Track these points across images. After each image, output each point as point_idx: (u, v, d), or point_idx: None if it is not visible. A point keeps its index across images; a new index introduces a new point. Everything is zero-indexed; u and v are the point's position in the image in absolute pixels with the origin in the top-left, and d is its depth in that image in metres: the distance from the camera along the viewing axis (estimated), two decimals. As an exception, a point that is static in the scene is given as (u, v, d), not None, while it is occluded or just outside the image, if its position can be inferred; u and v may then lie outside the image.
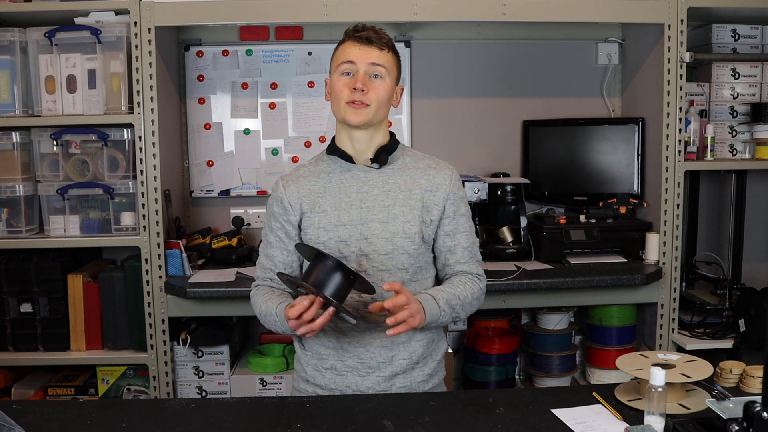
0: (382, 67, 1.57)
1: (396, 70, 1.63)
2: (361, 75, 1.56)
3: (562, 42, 3.00)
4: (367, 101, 1.57)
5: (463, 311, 1.60)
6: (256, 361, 2.69)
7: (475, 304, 1.63)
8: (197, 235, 2.80)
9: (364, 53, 1.57)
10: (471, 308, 1.63)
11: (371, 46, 1.57)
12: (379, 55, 1.57)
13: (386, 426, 1.38)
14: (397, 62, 1.63)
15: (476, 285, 1.63)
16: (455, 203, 1.64)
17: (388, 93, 1.60)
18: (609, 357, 2.69)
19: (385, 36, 1.60)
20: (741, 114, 2.72)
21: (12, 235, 2.52)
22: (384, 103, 1.60)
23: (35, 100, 2.50)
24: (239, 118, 2.95)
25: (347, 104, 1.57)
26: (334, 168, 1.65)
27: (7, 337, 2.57)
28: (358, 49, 1.57)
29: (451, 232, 1.63)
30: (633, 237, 2.69)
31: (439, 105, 3.00)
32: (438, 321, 1.55)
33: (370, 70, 1.57)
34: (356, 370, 1.61)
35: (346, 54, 1.58)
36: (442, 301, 1.54)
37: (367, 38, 1.57)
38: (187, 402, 1.54)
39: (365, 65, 1.56)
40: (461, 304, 1.58)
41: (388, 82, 1.59)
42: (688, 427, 1.28)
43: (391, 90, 1.61)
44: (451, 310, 1.56)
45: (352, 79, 1.57)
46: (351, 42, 1.58)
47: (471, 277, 1.64)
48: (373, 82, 1.57)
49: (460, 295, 1.58)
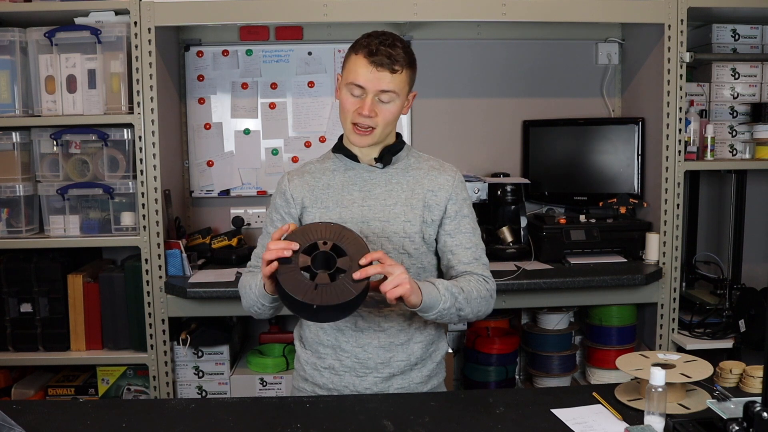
0: (392, 92, 1.53)
1: (408, 86, 1.58)
2: (369, 100, 1.53)
3: (562, 42, 3.00)
4: (373, 125, 1.55)
5: (468, 307, 1.52)
6: (256, 361, 2.69)
7: (482, 304, 1.56)
8: (197, 235, 2.80)
9: (375, 79, 1.51)
10: (478, 307, 1.55)
11: (383, 71, 1.51)
12: (391, 80, 1.52)
13: (386, 426, 1.38)
14: (411, 77, 1.58)
15: (482, 284, 1.57)
16: (457, 203, 1.62)
17: (396, 113, 1.57)
18: (609, 357, 2.69)
19: (399, 56, 1.52)
20: (741, 114, 2.72)
21: (12, 235, 2.52)
22: (391, 122, 1.57)
23: (35, 100, 2.50)
24: (239, 118, 2.95)
25: (353, 125, 1.56)
26: (339, 165, 1.65)
27: (7, 337, 2.57)
28: (369, 72, 1.51)
29: (452, 232, 1.62)
30: (633, 237, 2.69)
31: (439, 105, 3.00)
32: (439, 306, 1.46)
33: (379, 95, 1.53)
34: (354, 370, 1.61)
35: (356, 75, 1.52)
36: (441, 286, 1.47)
37: (380, 63, 1.51)
38: (187, 402, 1.54)
39: (375, 91, 1.53)
40: (465, 297, 1.50)
41: (397, 103, 1.56)
42: (688, 427, 1.28)
43: (401, 107, 1.58)
44: (451, 297, 1.47)
45: (360, 102, 1.53)
46: (364, 61, 1.52)
47: (476, 276, 1.59)
48: (381, 106, 1.54)
49: (464, 287, 1.51)
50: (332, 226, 1.45)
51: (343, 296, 1.35)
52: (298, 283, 1.36)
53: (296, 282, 1.36)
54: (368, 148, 1.61)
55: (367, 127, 1.55)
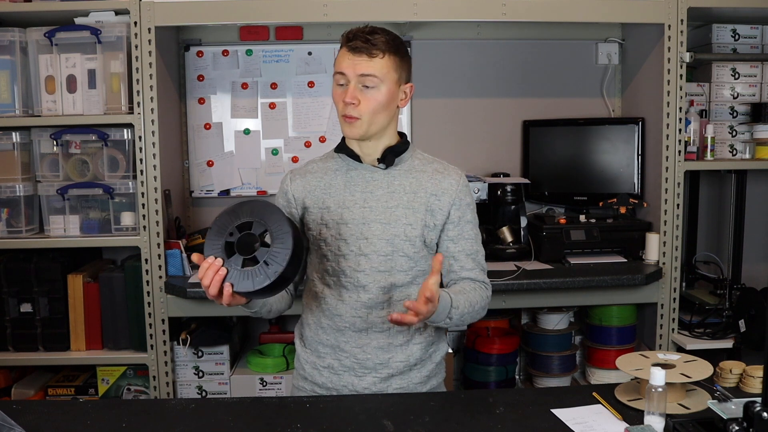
0: (372, 77, 1.51)
1: (395, 73, 1.55)
2: (352, 87, 1.52)
3: (562, 42, 3.00)
4: (357, 114, 1.53)
5: (467, 319, 1.57)
6: (256, 361, 2.69)
7: (480, 313, 1.60)
8: (197, 235, 2.80)
9: (353, 64, 1.52)
10: (476, 317, 1.60)
11: (360, 56, 1.51)
12: (369, 65, 1.51)
13: (386, 426, 1.38)
14: (397, 63, 1.55)
15: (484, 293, 1.61)
16: (461, 209, 1.61)
17: (382, 101, 1.54)
18: (609, 357, 2.69)
19: (378, 41, 1.51)
20: (741, 114, 2.72)
21: (12, 235, 2.52)
22: (379, 111, 1.54)
23: (35, 100, 2.50)
24: (239, 118, 2.95)
25: (342, 117, 1.56)
26: (341, 165, 1.64)
27: (7, 337, 2.57)
28: (348, 59, 1.52)
29: (455, 238, 1.61)
30: (633, 237, 2.69)
31: (439, 105, 2.99)
32: (436, 323, 1.52)
33: (360, 81, 1.52)
34: (353, 370, 1.61)
35: (338, 64, 1.55)
36: (456, 311, 1.50)
37: (356, 48, 1.51)
38: (187, 402, 1.54)
39: (355, 77, 1.52)
40: (470, 313, 1.55)
41: (382, 89, 1.53)
42: (688, 427, 1.28)
43: (390, 95, 1.55)
44: (459, 319, 1.52)
45: (345, 91, 1.54)
46: (344, 50, 1.54)
47: (478, 284, 1.62)
48: (364, 93, 1.53)
49: (475, 304, 1.56)
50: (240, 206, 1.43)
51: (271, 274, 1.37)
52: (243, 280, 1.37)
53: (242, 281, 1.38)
54: (370, 148, 1.61)
55: (351, 116, 1.54)
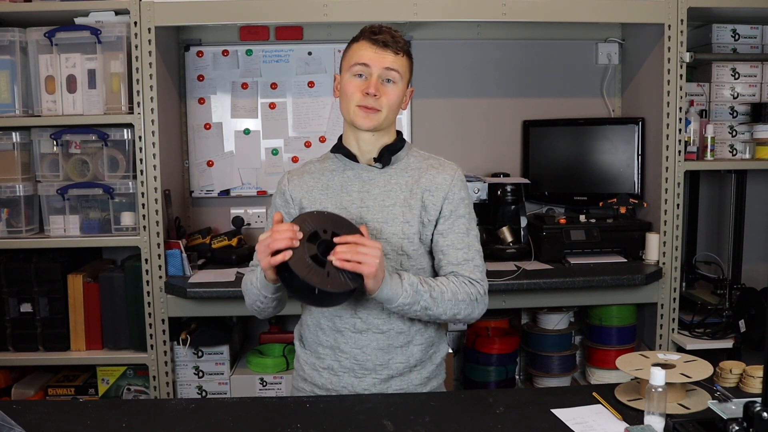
0: (396, 72, 1.55)
1: (409, 74, 1.61)
2: (375, 79, 1.54)
3: (562, 42, 3.00)
4: (378, 106, 1.55)
5: (439, 307, 1.50)
6: (256, 361, 2.69)
7: (460, 307, 1.52)
8: (197, 235, 2.80)
9: (379, 57, 1.54)
10: (454, 309, 1.52)
11: (387, 50, 1.54)
12: (394, 60, 1.55)
13: (386, 426, 1.38)
14: (410, 66, 1.61)
15: (464, 287, 1.53)
16: (453, 203, 1.59)
17: (399, 98, 1.58)
18: (609, 357, 2.69)
19: (401, 40, 1.57)
20: (741, 114, 2.72)
21: (12, 235, 2.52)
22: (395, 107, 1.58)
23: (35, 100, 2.50)
24: (239, 118, 2.95)
25: (358, 107, 1.55)
26: (338, 165, 1.65)
27: (7, 337, 2.57)
28: (373, 51, 1.54)
29: (444, 232, 1.59)
30: (633, 237, 2.69)
31: (439, 105, 2.99)
32: (398, 301, 1.45)
33: (384, 75, 1.55)
34: (352, 371, 1.61)
35: (360, 55, 1.55)
36: (407, 281, 1.46)
37: (384, 42, 1.54)
38: (187, 402, 1.54)
39: (379, 69, 1.54)
40: (434, 297, 1.48)
41: (400, 86, 1.57)
42: (688, 427, 1.28)
43: (402, 94, 1.60)
44: (415, 294, 1.46)
45: (365, 82, 1.55)
46: (366, 43, 1.55)
47: (461, 278, 1.55)
48: (385, 86, 1.56)
49: (435, 287, 1.49)
50: (328, 215, 1.50)
51: (353, 282, 1.41)
52: (311, 269, 1.39)
53: (309, 269, 1.39)
54: (369, 144, 1.61)
55: (372, 107, 1.55)
